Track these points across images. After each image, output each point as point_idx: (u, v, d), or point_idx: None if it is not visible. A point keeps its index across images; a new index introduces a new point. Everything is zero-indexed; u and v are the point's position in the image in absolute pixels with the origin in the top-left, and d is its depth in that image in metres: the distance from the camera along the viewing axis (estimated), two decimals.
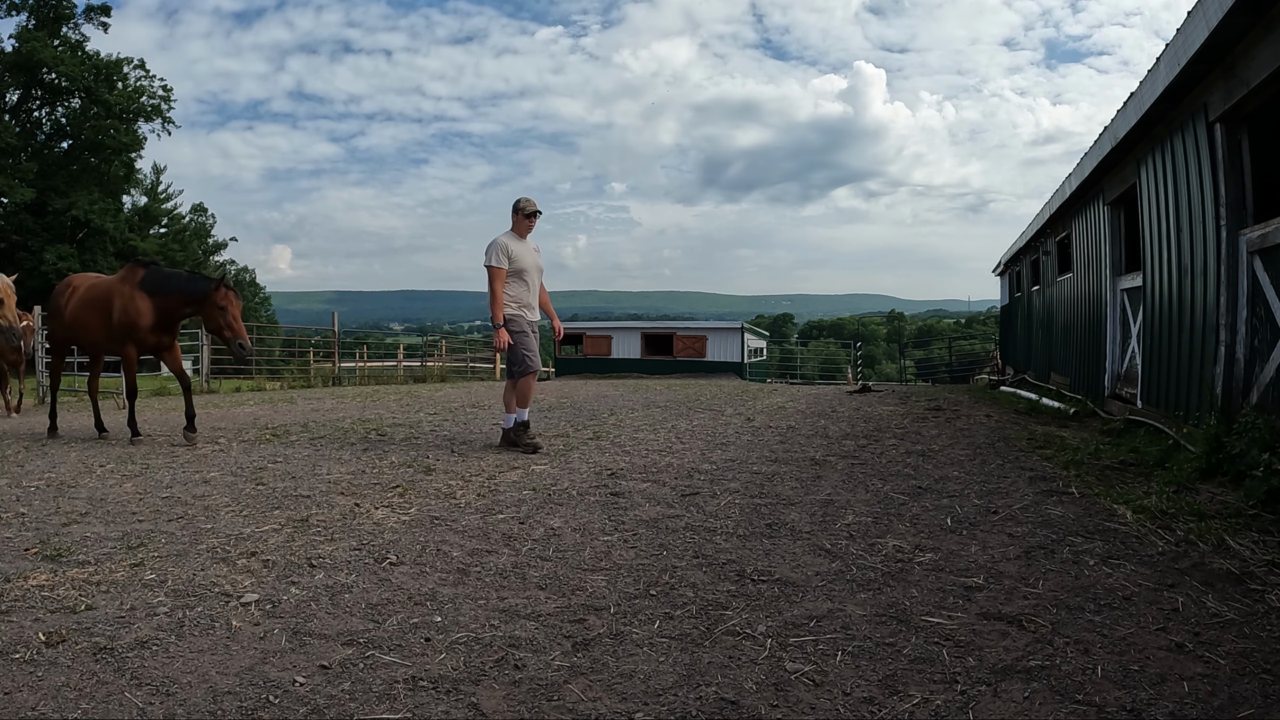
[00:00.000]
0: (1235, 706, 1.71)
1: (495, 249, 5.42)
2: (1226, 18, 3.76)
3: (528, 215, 5.58)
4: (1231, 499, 3.29)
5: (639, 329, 27.84)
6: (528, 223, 5.61)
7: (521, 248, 5.50)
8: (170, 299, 6.04)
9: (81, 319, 6.31)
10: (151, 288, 6.03)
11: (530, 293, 5.55)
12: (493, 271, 5.39)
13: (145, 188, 36.33)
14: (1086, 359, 8.07)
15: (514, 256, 5.41)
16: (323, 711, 1.74)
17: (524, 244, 5.56)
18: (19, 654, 1.99)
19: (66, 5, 30.07)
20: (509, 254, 5.41)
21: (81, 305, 6.32)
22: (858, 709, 1.74)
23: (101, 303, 6.16)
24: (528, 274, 5.51)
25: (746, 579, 2.57)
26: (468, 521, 3.35)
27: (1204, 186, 4.69)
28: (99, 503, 3.77)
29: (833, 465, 4.60)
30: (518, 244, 5.50)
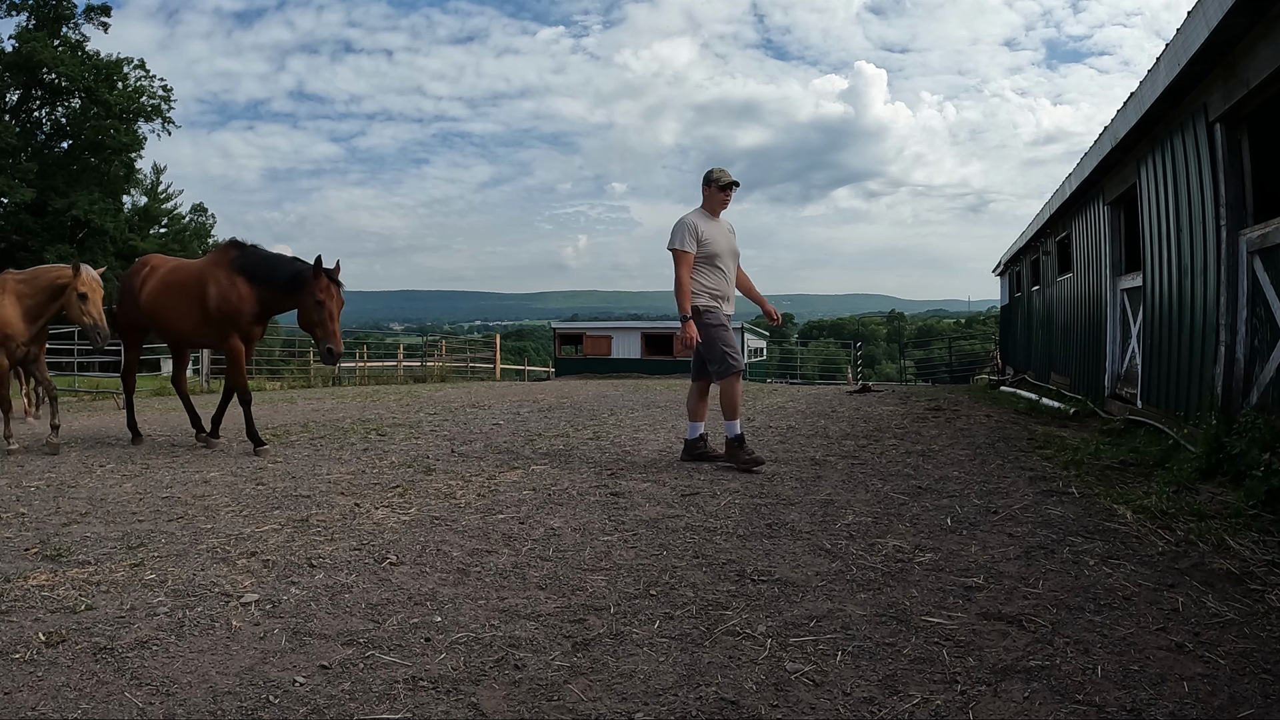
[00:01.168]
0: (1235, 706, 1.71)
1: (682, 230, 4.53)
2: (1226, 18, 3.76)
3: (722, 187, 4.61)
4: (1231, 499, 3.29)
5: (639, 329, 27.85)
6: (722, 196, 4.63)
7: (714, 228, 4.59)
8: (271, 286, 5.28)
9: (165, 305, 5.60)
10: (250, 271, 5.30)
11: (727, 280, 4.64)
12: (677, 256, 4.52)
13: (145, 188, 36.31)
14: (1086, 359, 8.07)
15: (705, 238, 4.52)
16: (323, 711, 1.74)
17: (717, 223, 4.64)
18: (19, 654, 1.99)
19: (66, 5, 30.06)
20: (699, 235, 4.51)
21: (165, 289, 5.61)
22: (858, 709, 1.74)
23: (192, 287, 5.44)
24: (723, 259, 4.59)
25: (746, 579, 2.57)
26: (468, 521, 3.35)
27: (1204, 186, 4.69)
28: (99, 503, 3.77)
29: (833, 465, 4.60)
30: (710, 224, 4.59)
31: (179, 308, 5.50)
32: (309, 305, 5.11)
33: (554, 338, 29.00)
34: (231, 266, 5.32)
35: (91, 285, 5.28)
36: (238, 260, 5.34)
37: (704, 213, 4.64)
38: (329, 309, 5.10)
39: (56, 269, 5.49)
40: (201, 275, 5.42)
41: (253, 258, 5.35)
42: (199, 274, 5.45)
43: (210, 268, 5.41)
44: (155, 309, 5.64)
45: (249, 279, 5.27)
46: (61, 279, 5.32)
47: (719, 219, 4.68)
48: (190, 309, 5.43)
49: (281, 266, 5.27)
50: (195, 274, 5.48)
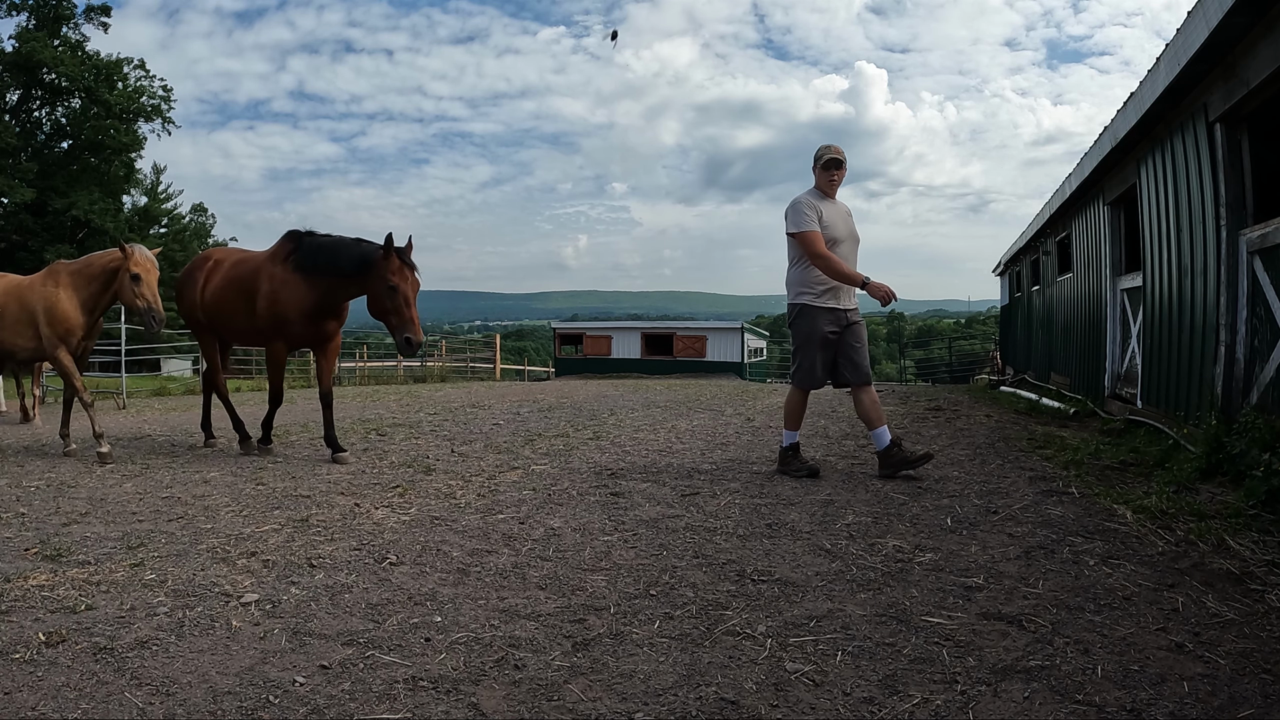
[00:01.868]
0: (1235, 706, 1.71)
1: (800, 208, 4.11)
2: (1226, 18, 3.76)
3: (824, 166, 4.17)
4: (1231, 499, 3.29)
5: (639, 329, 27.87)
6: (826, 177, 4.18)
7: (831, 210, 4.14)
8: (333, 280, 4.79)
9: (222, 302, 5.26)
10: (308, 265, 4.83)
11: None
12: (805, 239, 4.06)
13: (145, 188, 36.35)
14: (1086, 359, 8.07)
15: (823, 221, 4.08)
16: (323, 711, 1.74)
17: (833, 205, 4.18)
18: (19, 654, 1.99)
19: (66, 5, 30.08)
20: (819, 215, 4.09)
21: (224, 285, 5.28)
22: (858, 709, 1.74)
23: (246, 283, 5.09)
24: (839, 245, 4.11)
25: (746, 579, 2.57)
26: (468, 521, 3.35)
27: (1204, 186, 4.69)
28: (99, 503, 3.77)
29: (833, 465, 4.60)
30: (824, 204, 4.14)
31: (235, 305, 5.17)
32: (379, 291, 4.59)
33: (554, 338, 29.01)
34: (286, 262, 4.90)
35: (145, 266, 4.98)
36: (293, 256, 4.90)
37: (817, 193, 4.21)
38: (403, 293, 4.56)
39: (108, 254, 5.19)
40: (257, 271, 5.05)
41: (310, 250, 4.86)
42: (254, 270, 5.09)
43: (266, 263, 5.03)
44: (217, 308, 5.29)
45: (307, 273, 4.82)
46: (114, 263, 5.05)
47: (835, 200, 4.22)
48: (245, 307, 5.10)
49: (345, 252, 4.76)
50: (252, 270, 5.11)
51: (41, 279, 5.29)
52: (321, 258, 4.80)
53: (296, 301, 4.85)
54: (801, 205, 4.13)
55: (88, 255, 5.36)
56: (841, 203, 4.27)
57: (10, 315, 5.26)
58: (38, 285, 5.24)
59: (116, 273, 5.02)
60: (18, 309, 5.23)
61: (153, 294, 4.96)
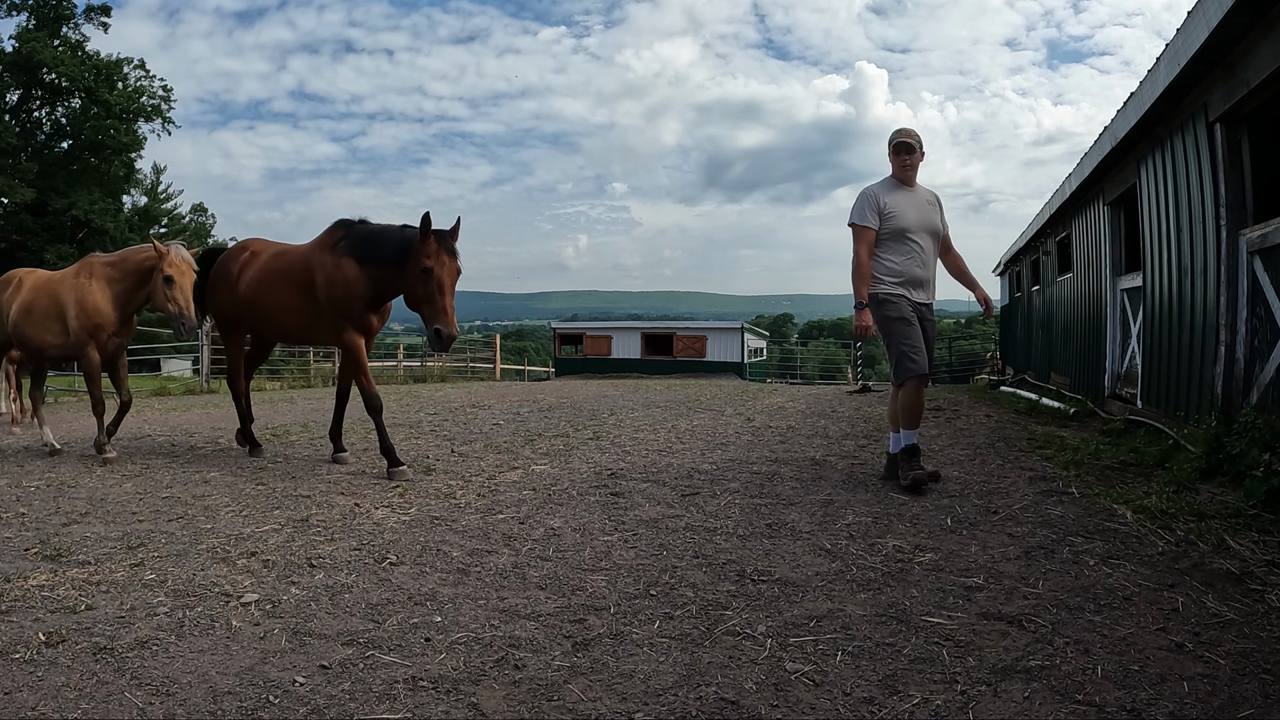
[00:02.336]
0: (1235, 706, 1.71)
1: (861, 202, 3.98)
2: (1226, 18, 3.76)
3: (894, 150, 3.99)
4: (1231, 499, 3.29)
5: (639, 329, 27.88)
6: (897, 162, 3.99)
7: (903, 199, 3.95)
8: (382, 264, 4.46)
9: (266, 295, 4.91)
10: (358, 251, 4.54)
11: (919, 262, 3.92)
12: (855, 232, 3.95)
13: (145, 188, 36.35)
14: (1086, 359, 8.07)
15: (888, 211, 3.91)
16: (323, 711, 1.74)
17: (908, 194, 3.98)
18: (19, 654, 1.99)
19: (66, 5, 30.08)
20: (880, 208, 3.92)
21: (267, 277, 4.93)
22: (858, 709, 1.74)
23: (295, 275, 4.76)
24: (913, 235, 3.91)
25: (746, 579, 2.57)
26: (468, 521, 3.35)
27: (1204, 186, 4.69)
28: (99, 503, 3.77)
29: (833, 465, 4.60)
30: (897, 193, 3.96)
31: (283, 299, 4.82)
32: (414, 276, 4.21)
33: (554, 338, 29.01)
34: (338, 249, 4.61)
35: (180, 268, 4.76)
36: (344, 241, 4.63)
37: (892, 181, 4.00)
38: (438, 279, 4.15)
39: (144, 250, 4.97)
40: (308, 261, 4.73)
41: (359, 236, 4.58)
42: (305, 260, 4.77)
43: (317, 251, 4.73)
44: (257, 301, 4.95)
45: (360, 261, 4.52)
46: (149, 261, 4.85)
47: (914, 188, 4.00)
48: (297, 300, 4.75)
49: (388, 239, 4.44)
50: (301, 260, 4.80)
51: (74, 272, 5.14)
52: (373, 245, 4.51)
53: (358, 288, 4.53)
54: (863, 196, 3.99)
55: (124, 250, 5.18)
56: (925, 189, 4.03)
57: (40, 310, 5.12)
58: (69, 279, 5.09)
59: (152, 271, 4.82)
60: (48, 304, 5.09)
61: (186, 299, 4.74)
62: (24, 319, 5.20)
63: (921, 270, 3.93)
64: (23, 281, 5.40)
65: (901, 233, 3.90)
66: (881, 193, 3.96)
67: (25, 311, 5.20)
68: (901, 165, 3.98)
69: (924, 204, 3.99)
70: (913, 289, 3.92)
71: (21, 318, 5.21)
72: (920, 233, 3.93)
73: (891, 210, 3.90)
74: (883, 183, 4.03)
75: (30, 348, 5.32)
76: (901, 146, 3.97)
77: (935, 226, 4.01)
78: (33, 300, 5.18)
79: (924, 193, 4.04)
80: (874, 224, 3.91)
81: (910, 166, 3.98)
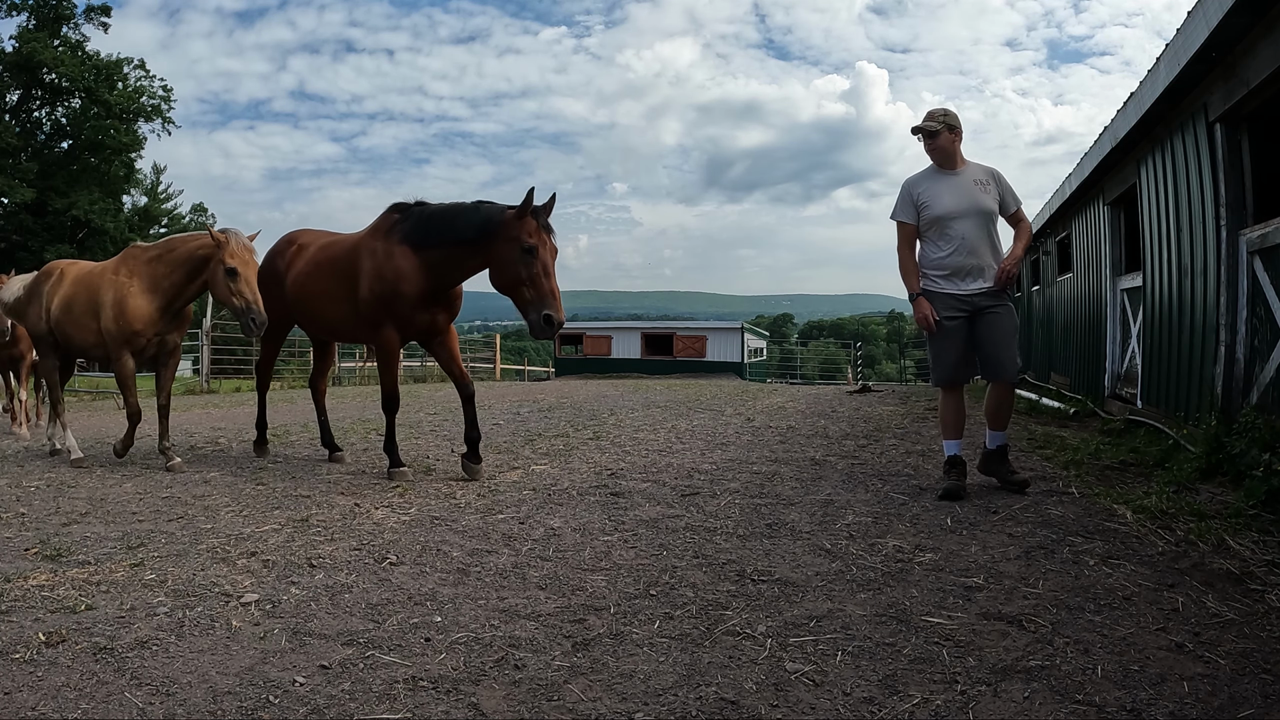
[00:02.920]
0: (1235, 706, 1.71)
1: (898, 196, 3.83)
2: (1226, 18, 3.76)
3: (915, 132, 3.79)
4: (1231, 499, 3.29)
5: (639, 329, 27.88)
6: (929, 146, 3.76)
7: (940, 185, 3.71)
8: (451, 249, 4.07)
9: (312, 289, 4.56)
10: (420, 236, 4.13)
11: (965, 249, 3.63)
12: (897, 229, 3.83)
13: (145, 188, 36.35)
14: (1086, 359, 8.07)
15: (923, 201, 3.71)
16: (323, 711, 1.74)
17: (948, 178, 3.72)
18: (19, 654, 1.99)
19: (66, 5, 30.08)
20: (915, 199, 3.74)
21: (314, 270, 4.57)
22: (858, 709, 1.74)
23: (342, 265, 4.39)
24: (952, 223, 3.64)
25: (746, 579, 2.57)
26: (468, 521, 3.35)
27: (1204, 186, 4.69)
28: (99, 503, 3.77)
29: (833, 465, 4.59)
30: (934, 180, 3.75)
31: (330, 292, 4.46)
32: (511, 256, 3.82)
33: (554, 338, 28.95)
34: (391, 235, 4.20)
35: (243, 257, 4.29)
36: (401, 226, 4.21)
37: (932, 168, 3.79)
38: (542, 260, 3.81)
39: (195, 238, 4.54)
40: (356, 249, 4.36)
41: (421, 219, 4.17)
42: (352, 249, 4.41)
43: (368, 239, 4.33)
44: (305, 296, 4.60)
45: (417, 247, 4.12)
46: (202, 250, 4.39)
47: (960, 169, 3.73)
48: (343, 293, 4.39)
49: (464, 216, 4.04)
50: (348, 249, 4.43)
51: (115, 265, 4.74)
52: (436, 226, 4.10)
53: (409, 279, 4.13)
54: (902, 189, 3.82)
55: (169, 238, 4.75)
56: (977, 167, 3.76)
57: (79, 306, 4.77)
58: (109, 273, 4.69)
59: (206, 261, 4.38)
60: (86, 300, 4.72)
61: (253, 291, 4.25)
62: (64, 315, 4.88)
63: (967, 258, 3.63)
64: (64, 274, 5.06)
65: (939, 221, 3.67)
66: (918, 183, 3.76)
67: (65, 307, 4.88)
68: (929, 151, 3.77)
69: (969, 185, 3.69)
70: (960, 280, 3.67)
71: (62, 313, 4.90)
72: (962, 218, 3.64)
73: (926, 200, 3.70)
74: (923, 171, 3.82)
75: (71, 346, 5.04)
76: (917, 131, 3.77)
77: (981, 207, 3.66)
78: (72, 295, 4.86)
79: (973, 172, 3.73)
80: (910, 218, 3.74)
81: (937, 150, 3.74)
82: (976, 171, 3.76)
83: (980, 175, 3.75)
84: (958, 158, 3.76)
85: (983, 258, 3.65)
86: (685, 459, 4.92)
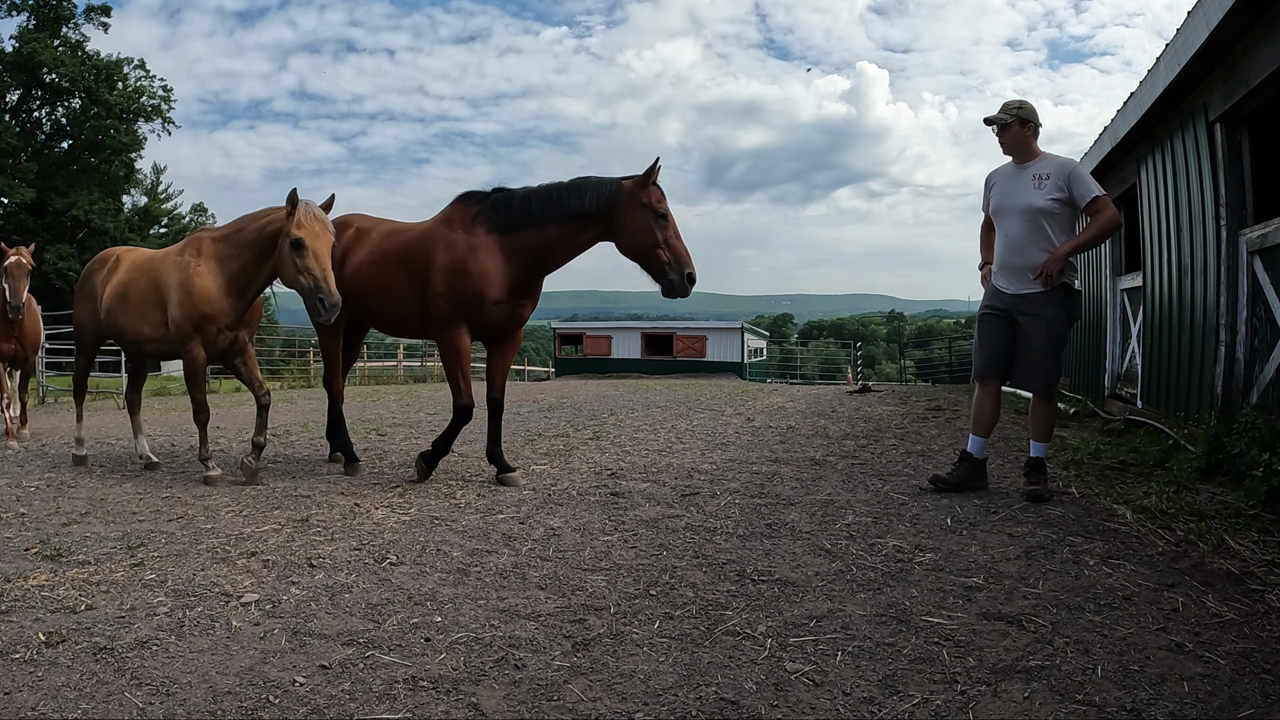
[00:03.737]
0: (1235, 706, 1.71)
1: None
2: (1226, 18, 3.77)
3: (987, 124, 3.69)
4: (1231, 499, 3.29)
5: (639, 329, 27.91)
6: (1000, 139, 3.67)
7: (1006, 180, 3.68)
8: (560, 226, 3.93)
9: (374, 281, 4.24)
10: (517, 222, 3.94)
11: (1004, 248, 3.62)
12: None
13: (145, 188, 36.39)
14: (1086, 359, 8.07)
15: (990, 193, 3.74)
16: (323, 711, 1.74)
17: (1011, 174, 3.66)
18: (19, 654, 1.99)
19: (66, 5, 30.10)
20: (988, 189, 3.78)
21: (380, 259, 4.25)
22: (858, 709, 1.74)
23: (412, 257, 4.10)
24: (999, 219, 3.67)
25: (746, 579, 2.57)
26: (468, 521, 3.35)
27: (1204, 186, 4.69)
28: (99, 503, 3.77)
29: (833, 465, 4.59)
30: (1004, 174, 3.71)
31: (396, 287, 4.17)
32: (642, 222, 3.81)
33: (554, 338, 29.02)
34: (475, 226, 3.97)
35: (313, 229, 3.78)
36: (486, 215, 3.98)
37: (1007, 163, 3.72)
38: (674, 224, 3.87)
39: (265, 214, 4.04)
40: (425, 241, 4.09)
41: (516, 202, 3.97)
42: (422, 240, 4.12)
43: (440, 231, 4.07)
44: (369, 288, 4.27)
45: (511, 232, 3.94)
46: (273, 225, 3.92)
47: (1029, 163, 3.60)
48: (411, 288, 4.11)
49: (575, 192, 3.90)
50: (418, 240, 4.14)
51: (180, 248, 4.34)
52: (540, 206, 3.92)
53: (496, 272, 3.94)
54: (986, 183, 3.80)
55: (239, 218, 4.23)
56: (1049, 160, 3.58)
57: (137, 295, 4.34)
58: (173, 257, 4.29)
59: (276, 240, 3.90)
60: (146, 287, 4.30)
61: (323, 268, 3.74)
62: (118, 305, 4.42)
63: (1009, 256, 3.57)
64: (120, 261, 4.65)
65: (994, 215, 3.71)
66: (994, 174, 3.74)
67: (120, 296, 4.41)
68: (1001, 144, 3.65)
69: (1025, 182, 3.55)
70: (1004, 278, 3.62)
71: (116, 303, 4.43)
72: (1007, 216, 3.59)
73: (991, 192, 3.72)
74: (1006, 163, 3.73)
75: (126, 340, 4.55)
76: (994, 123, 3.65)
77: (1026, 205, 3.53)
78: (129, 283, 4.39)
79: (1040, 167, 3.56)
80: (985, 207, 3.78)
81: (1006, 143, 3.62)
82: (1044, 166, 3.57)
83: (1045, 170, 3.55)
84: (1030, 151, 3.62)
85: (1029, 258, 3.52)
86: (685, 459, 4.92)
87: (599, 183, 3.93)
